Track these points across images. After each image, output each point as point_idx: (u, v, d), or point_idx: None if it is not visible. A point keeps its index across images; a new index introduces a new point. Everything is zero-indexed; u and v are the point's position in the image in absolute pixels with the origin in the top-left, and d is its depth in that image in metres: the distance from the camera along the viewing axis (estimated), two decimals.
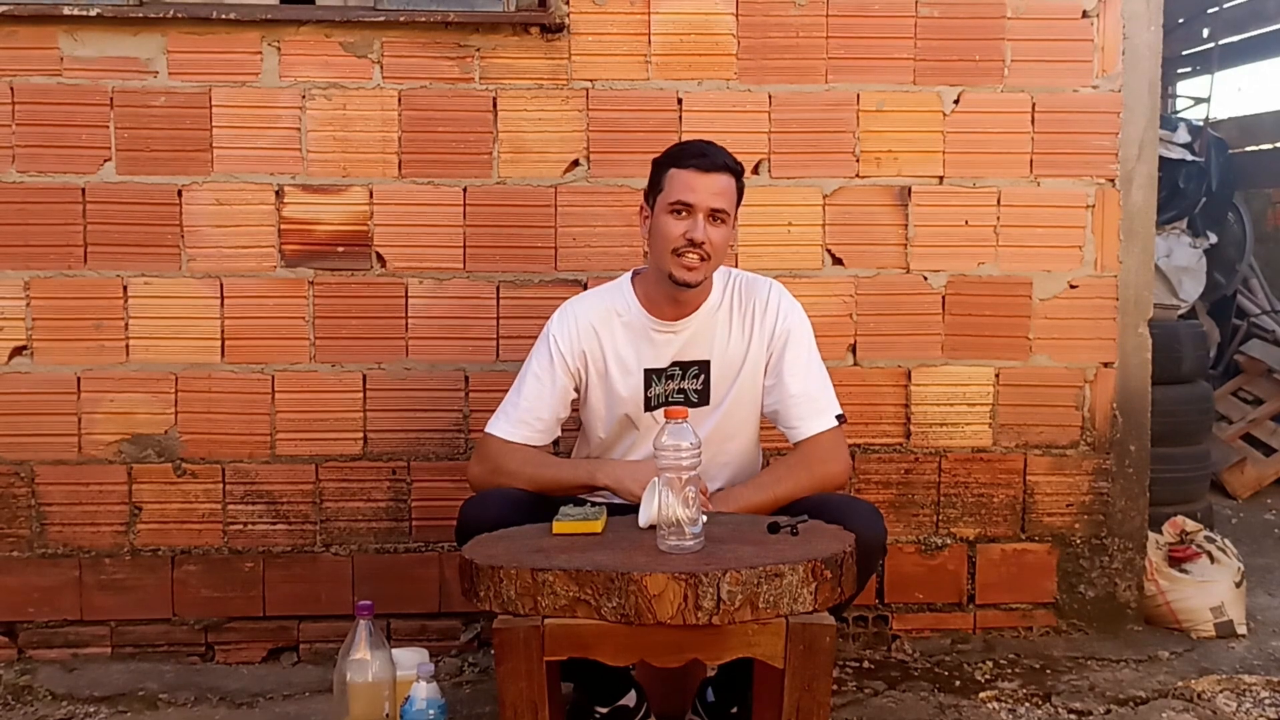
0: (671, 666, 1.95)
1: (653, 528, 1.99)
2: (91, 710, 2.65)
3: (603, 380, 2.40)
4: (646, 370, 2.38)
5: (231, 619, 2.97)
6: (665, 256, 2.29)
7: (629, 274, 2.45)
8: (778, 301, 2.40)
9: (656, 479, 1.98)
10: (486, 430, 2.43)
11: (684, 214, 2.27)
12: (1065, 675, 2.85)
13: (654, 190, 2.33)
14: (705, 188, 2.26)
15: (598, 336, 2.39)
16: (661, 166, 2.33)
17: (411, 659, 2.29)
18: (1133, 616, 3.15)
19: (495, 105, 2.95)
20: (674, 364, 2.38)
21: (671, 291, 2.33)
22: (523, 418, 2.38)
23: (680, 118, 2.98)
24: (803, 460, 2.32)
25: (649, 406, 2.38)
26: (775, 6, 2.98)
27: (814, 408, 2.34)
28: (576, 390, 2.42)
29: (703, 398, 2.37)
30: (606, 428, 2.42)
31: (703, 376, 2.38)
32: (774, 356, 2.38)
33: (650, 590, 1.80)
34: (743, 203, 2.39)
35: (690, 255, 2.26)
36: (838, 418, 2.35)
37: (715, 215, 2.27)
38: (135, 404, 2.93)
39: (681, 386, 2.38)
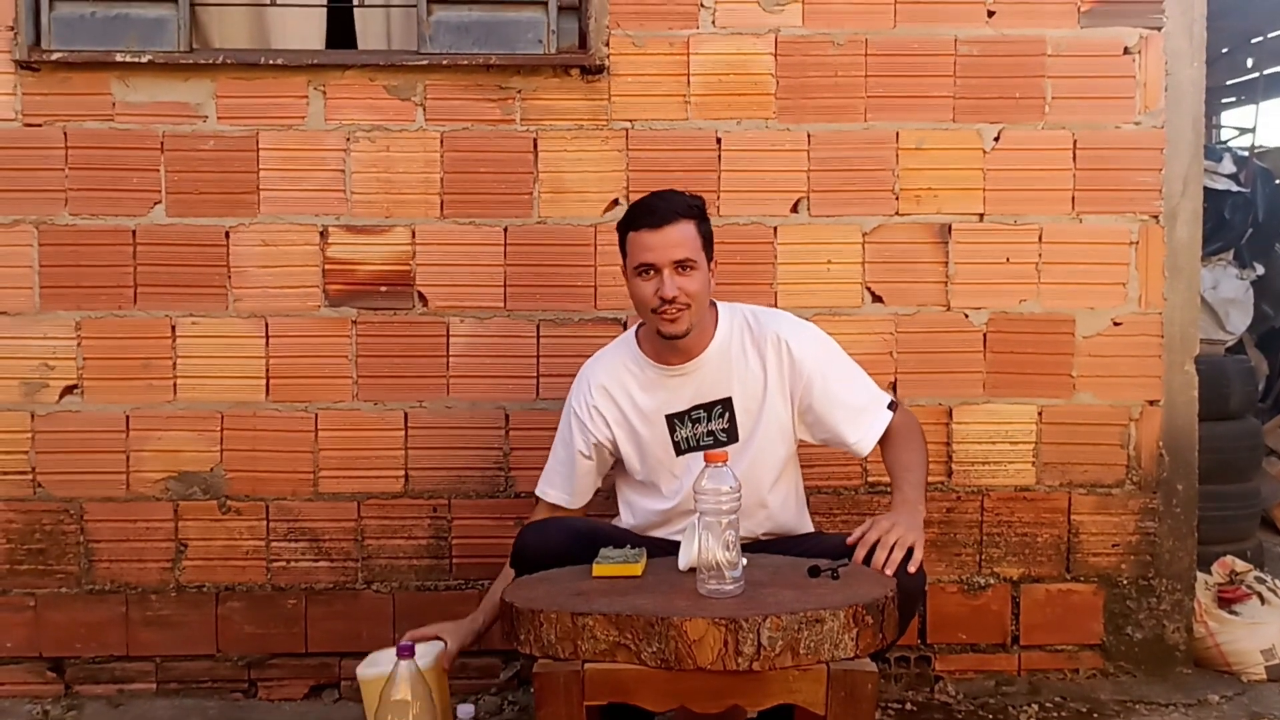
0: (712, 712, 1.93)
1: (692, 570, 1.99)
2: None
3: (630, 435, 2.43)
4: (668, 416, 2.40)
5: (274, 655, 3.00)
6: (649, 316, 2.34)
7: (634, 327, 2.49)
8: (790, 330, 2.41)
9: (696, 520, 1.99)
10: (536, 491, 2.58)
11: (650, 274, 2.29)
12: (1112, 719, 2.80)
13: (622, 255, 2.37)
14: (661, 244, 2.27)
15: (611, 395, 2.43)
16: (621, 232, 2.37)
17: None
18: (1181, 659, 3.09)
19: (536, 146, 2.99)
20: (696, 406, 2.39)
21: (668, 343, 2.35)
22: (562, 483, 2.51)
23: (719, 157, 3.00)
24: (898, 439, 2.38)
25: (679, 451, 2.40)
26: (814, 45, 2.99)
27: (866, 417, 2.39)
28: (610, 453, 2.48)
29: (731, 435, 2.38)
30: (645, 475, 2.46)
31: (727, 414, 2.38)
32: (803, 400, 2.38)
33: (690, 635, 1.80)
34: (781, 240, 2.40)
35: (668, 311, 2.29)
36: (890, 405, 2.40)
37: (680, 266, 2.27)
38: (182, 442, 2.97)
39: (710, 429, 2.39)
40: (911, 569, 2.07)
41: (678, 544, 2.07)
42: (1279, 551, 4.31)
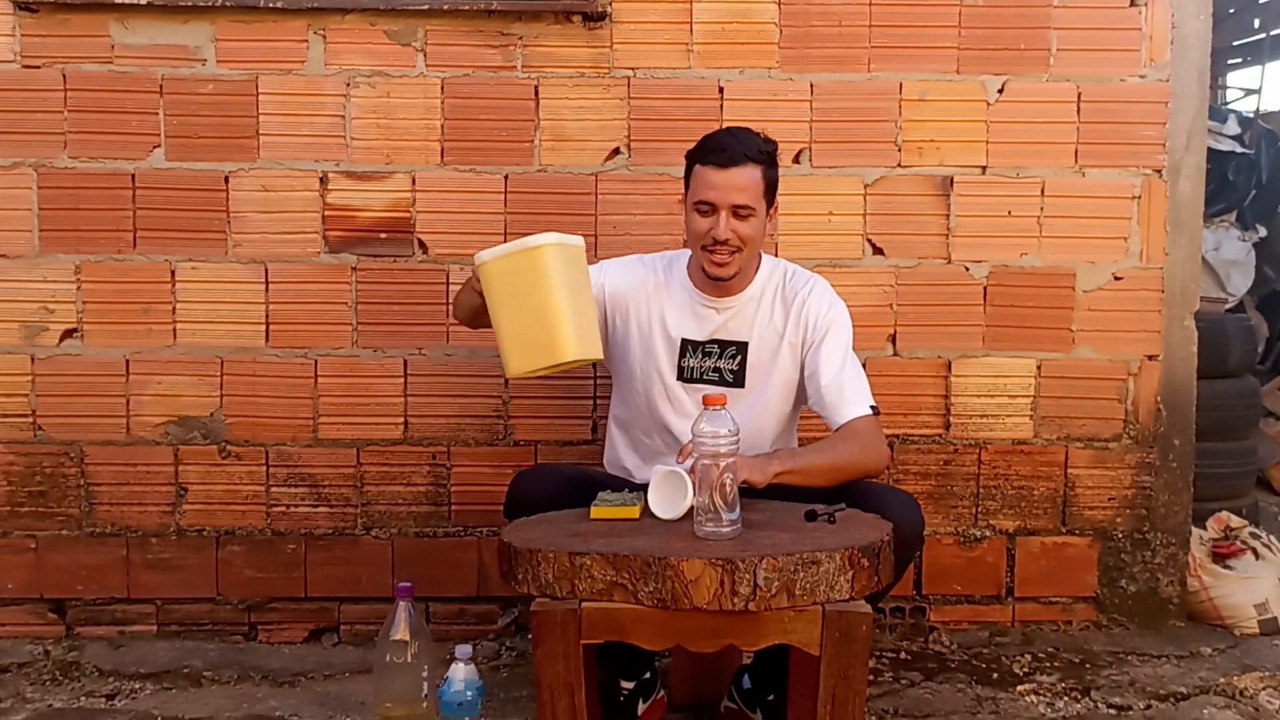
0: (707, 652, 1.95)
1: (685, 514, 2.00)
2: (137, 687, 2.70)
3: (640, 333, 2.43)
4: (684, 340, 2.41)
5: (274, 599, 3.02)
6: (698, 252, 2.34)
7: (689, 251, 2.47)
8: (821, 294, 2.41)
9: (660, 466, 2.02)
10: None
11: (708, 212, 2.28)
12: (1105, 670, 2.82)
13: (686, 184, 2.36)
14: (725, 184, 2.26)
15: (646, 292, 2.44)
16: (689, 161, 2.35)
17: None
18: (1175, 612, 3.12)
19: (537, 93, 2.97)
20: (713, 340, 2.40)
21: (711, 279, 2.35)
22: None
23: (721, 106, 2.98)
24: (848, 435, 2.29)
25: (680, 376, 2.41)
26: None
27: (849, 396, 2.33)
28: (608, 321, 2.45)
29: (738, 379, 2.39)
30: (642, 383, 2.44)
31: (739, 358, 2.39)
32: (812, 347, 2.37)
33: (687, 576, 1.81)
34: (782, 191, 2.39)
35: (719, 251, 2.28)
36: (872, 408, 2.33)
37: (738, 211, 2.27)
38: (182, 387, 2.98)
39: (718, 365, 2.40)
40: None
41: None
42: (1274, 510, 4.33)
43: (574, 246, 2.15)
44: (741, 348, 2.39)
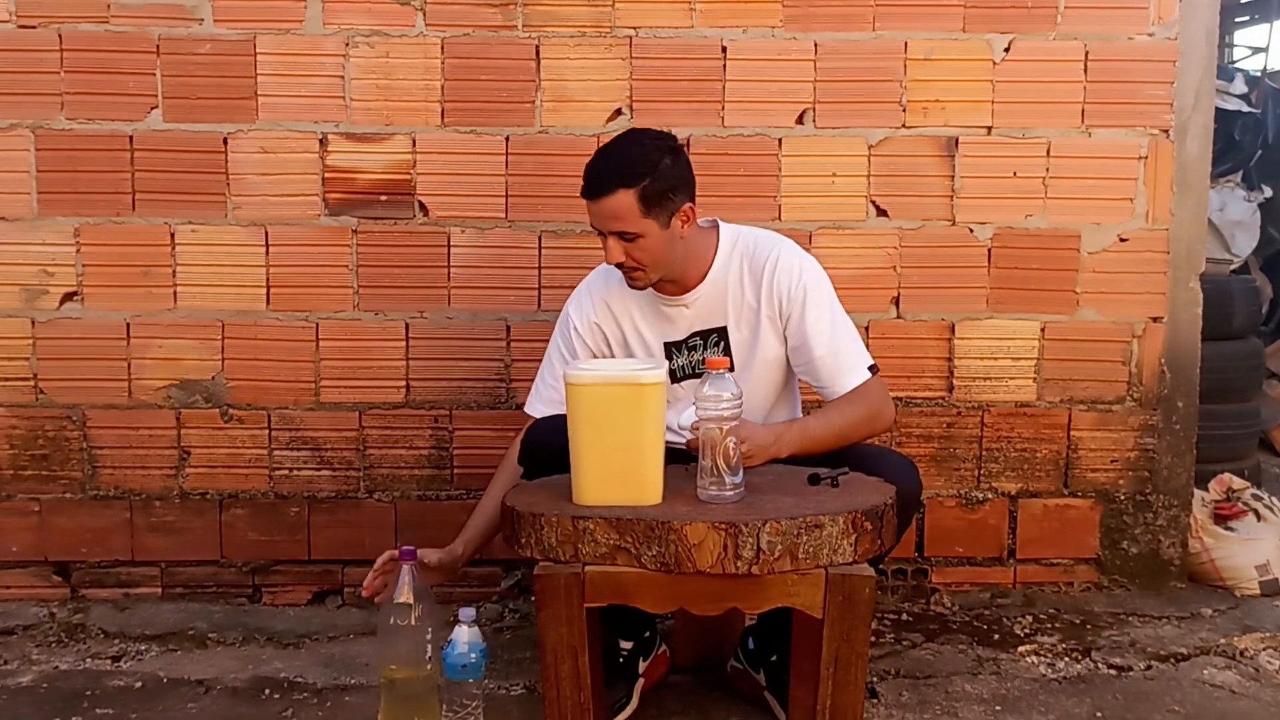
0: (710, 615, 1.96)
1: (694, 465, 1.99)
2: (143, 648, 2.72)
3: (626, 354, 2.41)
4: (665, 344, 2.38)
5: (278, 562, 3.03)
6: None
7: None
8: (788, 260, 2.31)
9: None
10: (525, 409, 2.48)
11: (602, 235, 2.24)
12: (1106, 631, 2.84)
13: None
14: (599, 214, 2.21)
15: (612, 311, 2.40)
16: None
17: None
18: (1176, 573, 3.13)
19: (538, 53, 2.94)
20: (693, 335, 2.37)
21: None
22: (553, 397, 2.39)
23: (724, 66, 2.95)
24: (851, 398, 2.25)
25: (674, 378, 2.37)
26: None
27: (844, 364, 2.27)
28: None
29: None
30: None
31: (722, 344, 2.35)
32: (793, 318, 2.30)
33: (690, 539, 1.81)
34: (785, 152, 2.36)
35: (625, 272, 2.26)
36: (870, 368, 2.29)
37: (621, 236, 2.20)
38: (183, 350, 2.97)
39: (705, 356, 2.36)
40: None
41: (675, 452, 2.07)
42: (1277, 472, 4.34)
43: (664, 381, 2.03)
44: (722, 332, 2.35)
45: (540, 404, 2.43)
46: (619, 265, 2.24)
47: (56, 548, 3.00)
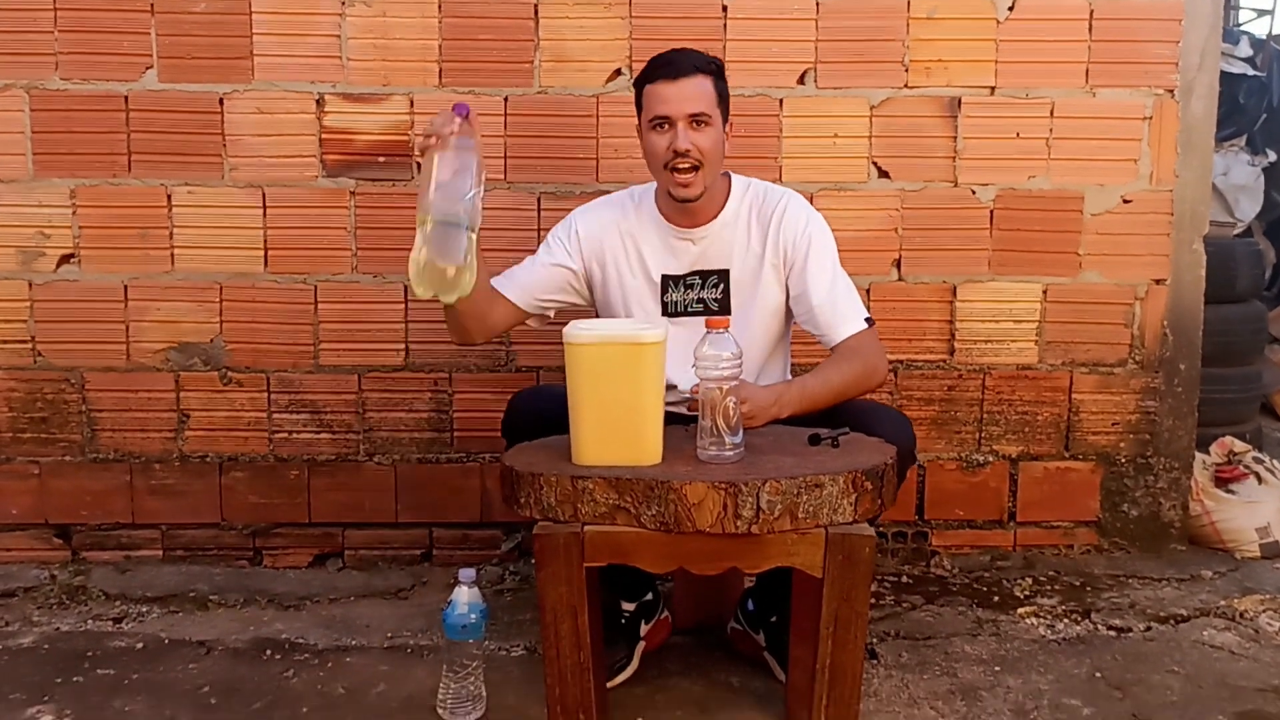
0: (710, 574, 1.96)
1: (694, 420, 1.98)
2: (144, 610, 2.72)
3: (619, 281, 2.40)
4: (664, 276, 2.38)
5: (278, 525, 3.03)
6: (660, 174, 2.30)
7: (654, 183, 2.43)
8: (796, 211, 2.37)
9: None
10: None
11: (664, 127, 2.25)
12: (1105, 593, 2.84)
13: (638, 111, 2.33)
14: (678, 95, 2.23)
15: (620, 230, 2.40)
16: (638, 87, 2.32)
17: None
18: (1176, 536, 3.13)
19: (536, 12, 2.90)
20: (694, 272, 2.38)
21: (679, 205, 2.32)
22: (522, 279, 2.40)
23: (725, 25, 2.92)
24: (846, 354, 2.28)
25: (666, 312, 2.38)
26: None
27: (842, 313, 2.31)
28: (580, 291, 2.43)
29: (723, 307, 2.36)
30: None
31: (722, 286, 2.36)
32: (795, 266, 2.34)
33: (690, 499, 1.81)
34: (786, 113, 2.34)
35: (681, 166, 2.25)
36: (866, 320, 2.32)
37: (695, 120, 2.24)
38: (181, 313, 2.96)
39: (701, 296, 2.37)
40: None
41: (673, 416, 2.06)
42: (1278, 435, 4.33)
43: (664, 340, 1.99)
44: (723, 275, 2.37)
45: (506, 281, 2.39)
46: (682, 155, 2.23)
47: (57, 510, 3.00)
